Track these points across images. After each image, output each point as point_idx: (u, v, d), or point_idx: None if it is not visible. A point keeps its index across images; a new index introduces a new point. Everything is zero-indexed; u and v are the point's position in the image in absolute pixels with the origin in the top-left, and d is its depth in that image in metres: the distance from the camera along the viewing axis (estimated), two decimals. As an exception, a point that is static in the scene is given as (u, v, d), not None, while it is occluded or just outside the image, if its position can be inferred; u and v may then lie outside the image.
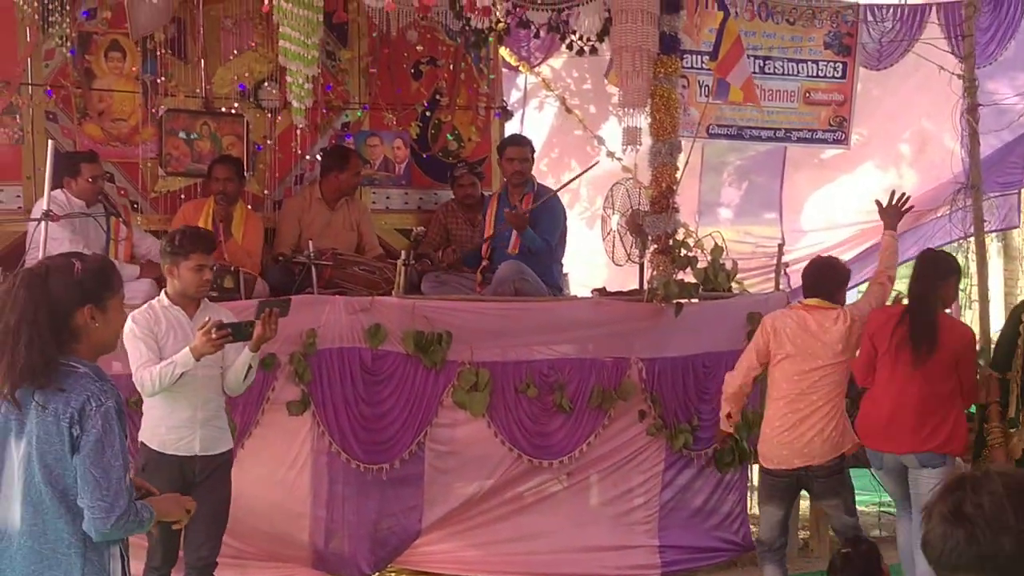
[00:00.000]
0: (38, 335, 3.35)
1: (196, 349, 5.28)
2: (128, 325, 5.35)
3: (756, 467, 8.19)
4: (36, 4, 7.58)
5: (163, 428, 5.52)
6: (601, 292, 7.95)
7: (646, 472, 7.42)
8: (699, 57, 9.67)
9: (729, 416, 6.42)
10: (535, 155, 8.52)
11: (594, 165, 8.76)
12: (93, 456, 3.35)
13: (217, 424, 5.67)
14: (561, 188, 8.26)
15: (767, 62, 10.23)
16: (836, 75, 10.36)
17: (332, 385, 6.78)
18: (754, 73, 9.70)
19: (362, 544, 6.84)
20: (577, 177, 8.31)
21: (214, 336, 5.24)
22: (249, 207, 8.18)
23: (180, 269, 5.54)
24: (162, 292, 5.68)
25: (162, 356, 5.41)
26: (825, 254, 7.19)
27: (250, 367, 5.60)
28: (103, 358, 3.66)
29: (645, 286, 7.65)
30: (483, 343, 7.07)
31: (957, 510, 2.03)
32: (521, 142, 8.48)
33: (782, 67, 10.31)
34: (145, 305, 5.61)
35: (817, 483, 6.22)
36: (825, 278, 6.31)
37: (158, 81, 8.24)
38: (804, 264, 6.67)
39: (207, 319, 5.37)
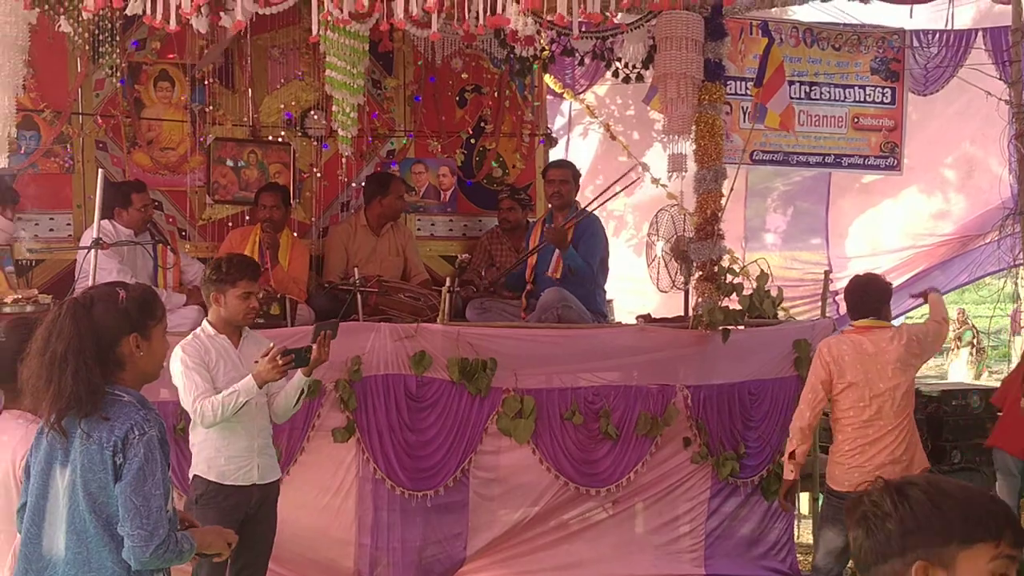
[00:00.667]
0: (84, 364, 3.36)
1: (260, 376, 5.22)
2: (178, 356, 5.35)
3: (805, 495, 8.17)
4: (87, 35, 7.68)
5: (222, 459, 5.45)
6: (646, 319, 7.92)
7: (692, 500, 7.37)
8: (742, 84, 9.66)
9: (792, 456, 6.22)
10: (579, 180, 8.51)
11: (635, 182, 8.74)
12: (135, 484, 3.35)
13: (270, 452, 5.65)
14: (599, 204, 8.22)
15: (813, 88, 10.21)
16: (885, 100, 10.33)
17: (377, 412, 6.78)
18: (800, 99, 9.71)
19: (407, 571, 6.83)
20: (615, 194, 8.24)
21: (280, 362, 5.21)
22: (295, 234, 8.24)
23: (227, 297, 5.50)
24: (204, 321, 5.63)
25: (214, 386, 5.37)
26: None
27: (302, 392, 5.54)
28: (151, 384, 3.68)
29: (690, 313, 7.63)
30: (528, 370, 7.06)
31: (858, 515, 2.37)
32: (563, 165, 8.50)
33: (829, 93, 10.29)
34: (191, 335, 5.55)
35: None
36: (869, 296, 6.25)
37: (206, 110, 8.34)
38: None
39: (271, 345, 5.36)
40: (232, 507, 5.40)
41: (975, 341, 18.80)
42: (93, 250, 6.57)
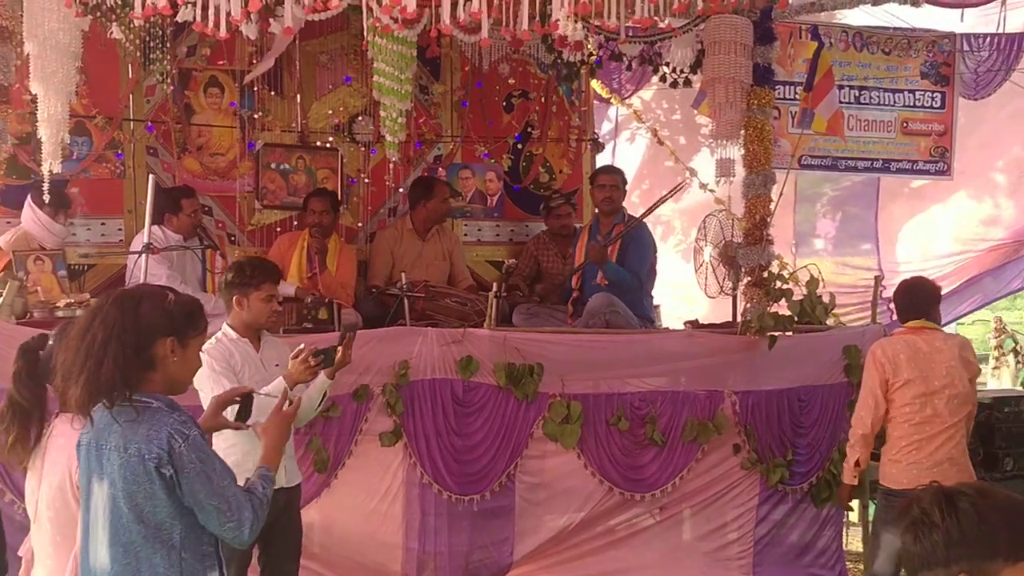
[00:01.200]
0: (122, 353, 3.35)
1: (292, 377, 5.15)
2: (204, 360, 5.32)
3: (854, 503, 8.09)
4: (138, 41, 7.77)
5: (250, 463, 5.44)
6: (694, 324, 7.89)
7: (740, 507, 7.32)
8: (791, 88, 9.61)
9: (857, 464, 6.17)
10: (627, 186, 8.50)
11: (681, 188, 8.71)
12: (205, 488, 3.36)
13: (291, 455, 5.63)
14: (647, 213, 8.21)
15: (863, 92, 10.12)
16: (935, 105, 10.22)
17: (424, 416, 6.79)
18: (849, 103, 9.63)
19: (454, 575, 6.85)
20: (663, 200, 8.22)
21: (312, 363, 5.18)
22: (343, 239, 8.27)
23: (250, 300, 5.47)
24: (225, 326, 5.56)
25: None
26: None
27: (325, 394, 5.48)
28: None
29: (738, 318, 7.59)
30: (574, 375, 7.05)
31: (908, 520, 2.42)
32: (612, 171, 8.49)
33: (878, 97, 10.20)
34: (213, 340, 5.43)
35: None
36: (918, 298, 6.21)
37: (255, 116, 8.40)
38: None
39: (301, 346, 5.32)
40: None
41: (1018, 348, 18.61)
42: (143, 255, 6.63)
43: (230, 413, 4.08)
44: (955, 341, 6.07)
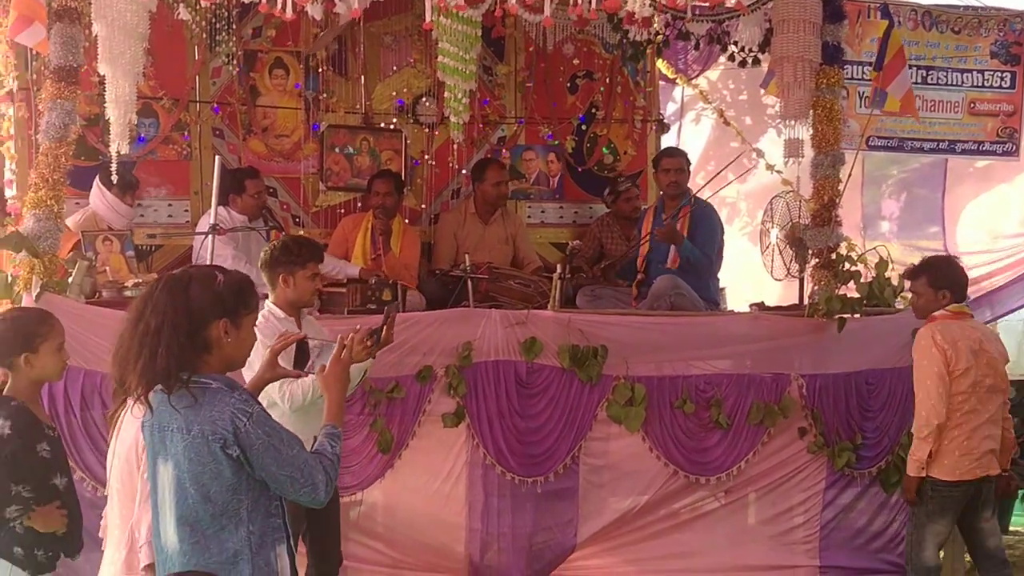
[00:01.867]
0: (176, 340, 3.35)
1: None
2: (259, 339, 5.35)
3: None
4: (204, 23, 7.80)
5: (309, 441, 5.51)
6: (760, 307, 7.81)
7: (807, 491, 7.24)
8: (859, 68, 9.47)
9: (930, 455, 6.00)
10: (691, 168, 8.43)
11: (748, 170, 8.63)
12: (276, 461, 3.38)
13: None
14: (712, 192, 8.13)
15: (930, 72, 9.96)
16: (1004, 85, 10.04)
17: (487, 398, 6.78)
18: (916, 83, 9.47)
19: (518, 557, 6.82)
20: (728, 182, 8.16)
21: (369, 343, 5.13)
22: (407, 221, 8.28)
23: (296, 278, 5.55)
24: (269, 304, 5.64)
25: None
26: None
27: (364, 373, 5.56)
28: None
29: (805, 301, 7.51)
30: (639, 358, 7.01)
31: None
32: (676, 153, 8.42)
33: (946, 77, 10.04)
34: (261, 318, 5.39)
35: (987, 494, 6.05)
36: (962, 278, 6.19)
37: (319, 97, 8.41)
38: (983, 281, 6.45)
39: (357, 327, 5.28)
40: None
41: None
42: (209, 236, 6.67)
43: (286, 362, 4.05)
44: (988, 328, 6.01)
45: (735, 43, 8.29)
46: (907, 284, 6.27)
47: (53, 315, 4.78)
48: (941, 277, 6.11)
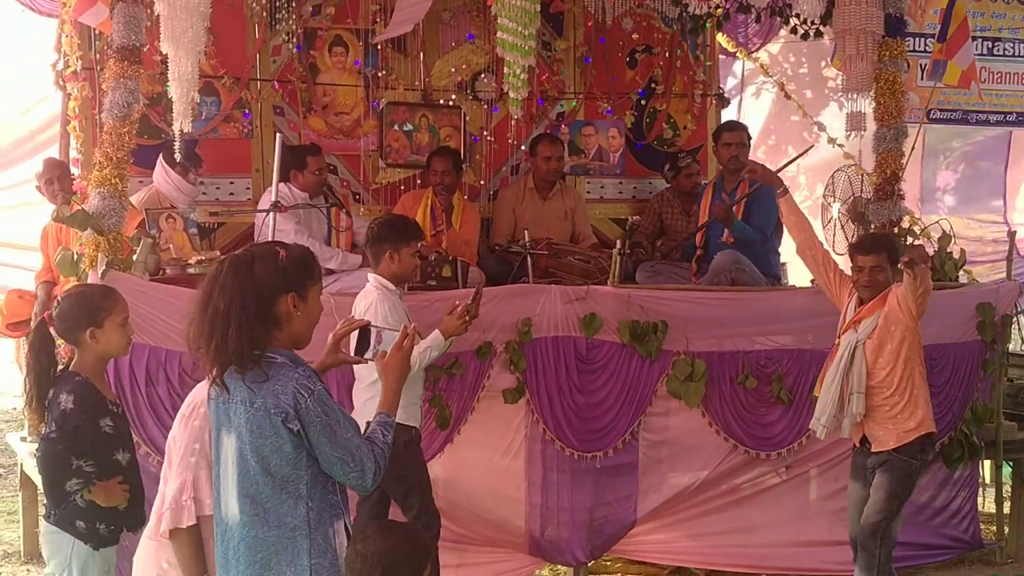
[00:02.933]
0: (246, 320, 3.39)
1: (448, 330, 5.70)
2: (379, 311, 5.64)
3: (988, 463, 7.92)
4: (264, 2, 7.85)
5: (412, 407, 5.86)
6: (821, 282, 7.76)
7: (869, 466, 7.22)
8: (922, 40, 9.35)
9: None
10: (751, 142, 8.36)
11: (809, 150, 8.54)
12: (330, 441, 3.42)
13: (419, 397, 6.04)
14: (778, 171, 8.05)
15: (996, 44, 9.82)
16: (1075, 55, 9.88)
17: (547, 373, 6.79)
18: (982, 55, 9.36)
19: (578, 532, 6.85)
20: (792, 161, 8.08)
21: (468, 317, 5.71)
22: (466, 197, 8.29)
23: (401, 254, 5.85)
24: (378, 277, 5.87)
25: None
26: None
27: (449, 343, 5.88)
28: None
29: (867, 275, 7.44)
30: (699, 333, 6.98)
31: None
32: (737, 127, 8.35)
33: (1012, 48, 9.90)
34: (378, 292, 5.79)
35: None
36: None
37: (379, 75, 8.43)
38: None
39: (456, 303, 5.78)
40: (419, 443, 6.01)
41: None
42: (271, 213, 6.72)
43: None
44: None
45: (796, 15, 8.17)
46: (859, 258, 6.17)
47: (116, 291, 4.84)
48: (898, 253, 6.13)
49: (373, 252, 5.95)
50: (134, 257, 6.15)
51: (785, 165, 7.91)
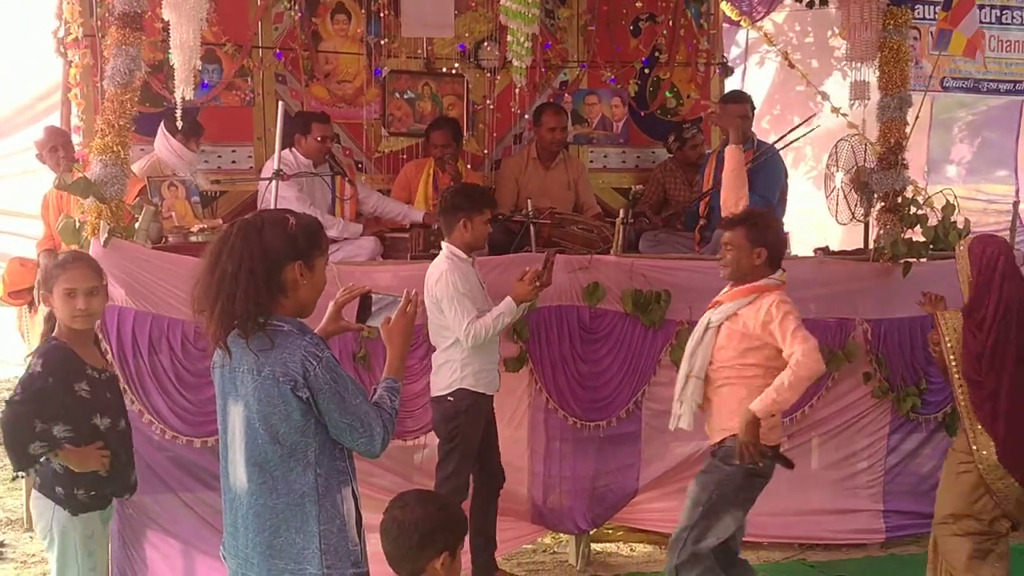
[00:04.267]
0: (254, 284, 3.40)
1: (519, 296, 5.90)
2: (448, 280, 5.83)
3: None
4: (267, -32, 7.82)
5: (484, 372, 6.06)
6: (824, 251, 7.75)
7: (871, 436, 7.22)
8: (931, 8, 9.30)
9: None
10: (755, 112, 8.32)
11: (811, 118, 8.50)
12: (339, 408, 3.44)
13: (495, 363, 6.23)
14: (778, 140, 8.03)
15: (1005, 12, 9.77)
16: (1083, 23, 9.84)
17: (550, 342, 6.78)
18: (991, 23, 9.32)
19: (580, 500, 6.86)
20: (793, 130, 8.03)
21: (539, 283, 5.91)
22: (469, 166, 8.27)
23: (474, 222, 5.98)
24: (449, 246, 6.02)
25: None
26: None
27: (526, 310, 6.24)
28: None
29: (870, 245, 7.43)
30: (702, 302, 6.89)
31: None
32: (740, 99, 8.27)
33: (1020, 16, 9.83)
34: (448, 262, 5.95)
35: None
36: (780, 239, 5.71)
37: (381, 43, 8.39)
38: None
39: (526, 269, 5.94)
40: (484, 412, 6.15)
41: None
42: (274, 181, 6.71)
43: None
44: None
45: (802, -17, 8.17)
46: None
47: (81, 260, 4.89)
48: (759, 233, 5.47)
49: (446, 221, 6.06)
50: (136, 225, 6.14)
51: (788, 136, 7.89)
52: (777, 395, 5.14)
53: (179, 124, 6.69)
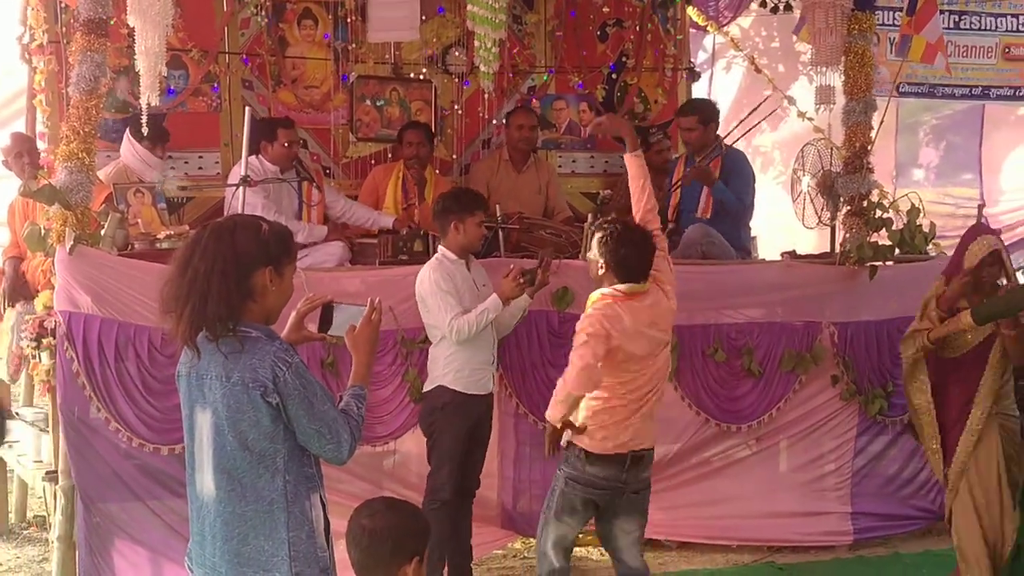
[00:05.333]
0: (225, 286, 3.38)
1: (504, 293, 5.99)
2: (429, 278, 5.96)
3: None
4: (233, -26, 7.79)
5: (467, 371, 6.05)
6: (791, 255, 7.79)
7: (838, 438, 7.27)
8: (889, 13, 9.37)
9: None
10: (712, 119, 8.17)
11: (773, 111, 8.50)
12: (308, 414, 3.43)
13: (494, 364, 6.28)
14: (727, 135, 8.04)
15: (963, 17, 9.85)
16: (1038, 30, 9.92)
17: (520, 347, 6.79)
18: (949, 29, 9.38)
19: (550, 505, 6.87)
20: (743, 121, 8.00)
21: (522, 282, 5.99)
22: (438, 172, 8.27)
23: (466, 224, 6.07)
24: (441, 248, 6.14)
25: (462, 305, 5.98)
26: None
27: (524, 311, 6.26)
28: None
29: (837, 249, 7.48)
30: (670, 306, 6.99)
31: None
32: (687, 112, 8.21)
33: (979, 22, 9.94)
34: (435, 262, 6.06)
35: None
36: (630, 256, 5.28)
37: (349, 48, 8.37)
38: (1018, 227, 6.36)
39: (511, 267, 6.04)
40: (470, 413, 6.10)
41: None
42: (241, 187, 6.68)
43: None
44: None
45: (766, -12, 8.20)
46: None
47: None
48: (602, 245, 5.29)
49: (440, 225, 6.17)
50: (102, 232, 6.11)
51: (742, 125, 7.91)
52: (550, 410, 5.34)
53: (144, 130, 6.65)
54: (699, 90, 9.64)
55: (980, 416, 5.99)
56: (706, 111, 8.20)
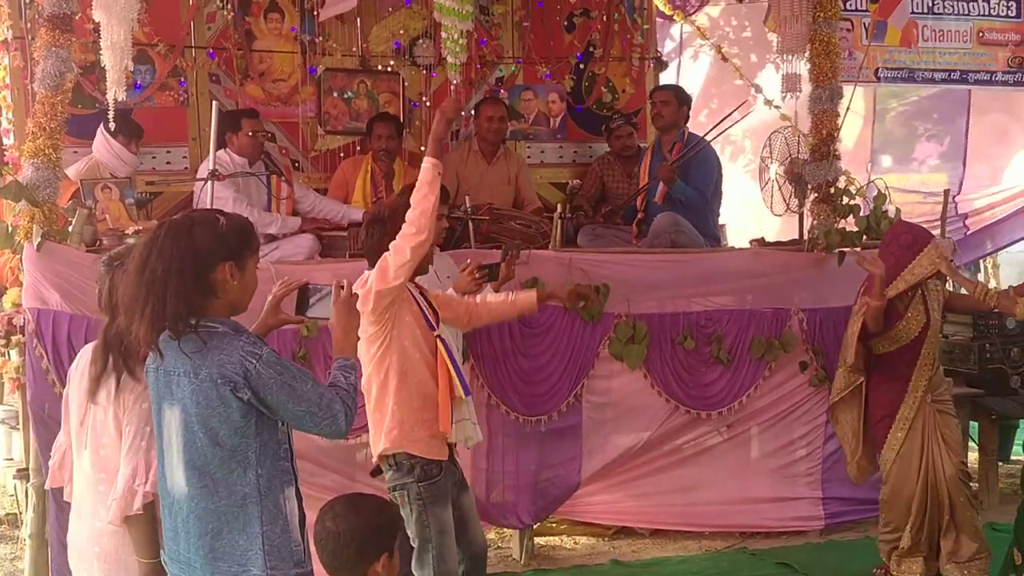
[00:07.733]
0: (183, 284, 3.35)
1: (460, 288, 5.63)
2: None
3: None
4: (197, -32, 7.75)
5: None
6: (760, 242, 7.83)
7: (808, 424, 7.32)
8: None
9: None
10: (686, 104, 8.29)
11: (742, 105, 8.54)
12: (291, 400, 3.41)
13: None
14: (708, 132, 8.07)
15: (936, 1, 9.88)
16: (1011, 14, 9.97)
17: (490, 338, 6.80)
18: (923, 14, 9.42)
19: (523, 495, 6.90)
20: (722, 121, 8.06)
21: (477, 276, 5.63)
22: (407, 164, 8.26)
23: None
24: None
25: None
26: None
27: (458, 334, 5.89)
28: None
29: (805, 236, 7.52)
30: (640, 295, 7.03)
31: None
32: (665, 87, 8.37)
33: (953, 7, 9.96)
34: None
35: None
36: None
37: (316, 41, 8.36)
38: (985, 212, 6.41)
39: (468, 261, 5.81)
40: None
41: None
42: (209, 181, 6.66)
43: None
44: None
45: (732, -23, 8.24)
46: None
47: None
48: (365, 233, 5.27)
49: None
50: (70, 228, 6.08)
51: (719, 126, 7.94)
52: None
53: (111, 125, 6.63)
54: (667, 79, 9.66)
55: (912, 406, 6.19)
56: (683, 93, 8.33)
